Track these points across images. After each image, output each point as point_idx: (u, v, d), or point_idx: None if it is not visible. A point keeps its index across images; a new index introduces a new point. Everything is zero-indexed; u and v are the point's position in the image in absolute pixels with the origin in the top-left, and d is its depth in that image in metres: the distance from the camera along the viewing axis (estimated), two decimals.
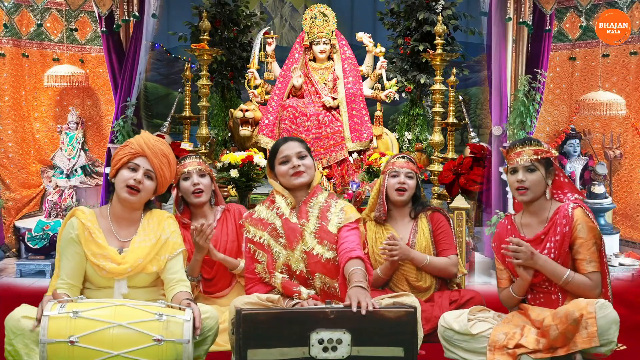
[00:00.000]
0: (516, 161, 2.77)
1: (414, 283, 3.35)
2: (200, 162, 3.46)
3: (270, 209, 2.82)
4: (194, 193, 3.38)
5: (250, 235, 2.81)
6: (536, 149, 2.76)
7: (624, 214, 5.72)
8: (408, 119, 6.34)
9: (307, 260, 2.72)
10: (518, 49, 5.16)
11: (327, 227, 2.73)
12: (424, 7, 6.09)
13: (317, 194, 2.82)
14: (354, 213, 2.80)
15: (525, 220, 2.85)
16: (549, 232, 2.74)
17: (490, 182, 4.87)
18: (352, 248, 2.63)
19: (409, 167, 3.44)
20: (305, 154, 2.81)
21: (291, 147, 2.80)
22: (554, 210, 2.77)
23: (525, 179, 2.74)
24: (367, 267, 2.59)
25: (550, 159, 2.79)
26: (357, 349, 2.28)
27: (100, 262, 2.57)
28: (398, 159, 3.51)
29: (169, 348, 2.27)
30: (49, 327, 2.22)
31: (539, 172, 2.75)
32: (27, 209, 5.82)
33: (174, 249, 2.70)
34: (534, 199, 2.78)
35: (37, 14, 5.53)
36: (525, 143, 2.79)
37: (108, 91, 5.99)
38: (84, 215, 2.63)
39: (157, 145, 2.65)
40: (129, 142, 2.66)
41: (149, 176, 2.63)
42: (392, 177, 3.43)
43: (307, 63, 5.21)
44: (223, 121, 6.15)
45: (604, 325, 2.42)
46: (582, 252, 2.69)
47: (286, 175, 2.78)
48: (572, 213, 2.70)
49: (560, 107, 6.14)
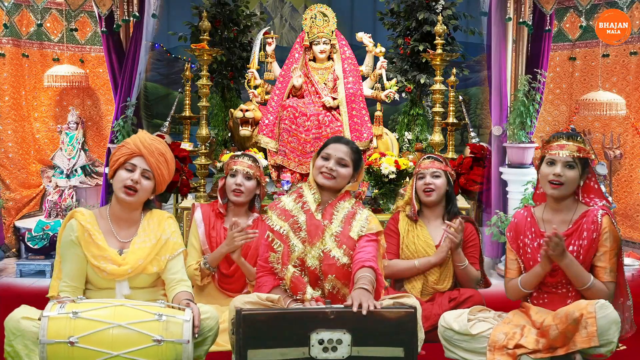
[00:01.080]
0: (558, 153, 2.70)
1: (434, 285, 3.36)
2: (250, 165, 3.48)
3: (297, 202, 2.81)
4: (234, 191, 3.42)
5: (271, 223, 2.80)
6: (580, 147, 2.69)
7: (624, 214, 5.72)
8: (408, 119, 6.33)
9: (323, 261, 2.71)
10: (518, 49, 5.16)
11: (348, 233, 2.73)
12: (424, 7, 6.09)
13: (345, 199, 2.82)
14: (376, 225, 2.79)
15: (547, 216, 2.80)
16: (572, 234, 2.70)
17: (490, 182, 4.87)
18: (367, 259, 2.62)
19: (433, 166, 3.46)
20: (347, 163, 2.77)
21: (338, 149, 2.78)
22: (579, 213, 2.73)
23: (562, 174, 2.67)
24: (378, 279, 2.58)
25: (588, 161, 2.74)
26: (357, 349, 2.28)
27: (100, 264, 2.57)
28: (424, 160, 3.55)
29: (169, 348, 2.27)
30: (49, 327, 2.22)
31: (577, 170, 2.69)
32: (27, 209, 5.82)
33: (174, 249, 2.71)
34: (565, 196, 2.73)
35: (37, 14, 5.53)
36: (571, 138, 2.72)
37: (108, 91, 5.99)
38: (83, 217, 2.63)
39: (153, 144, 2.64)
40: (125, 143, 2.65)
41: (146, 176, 2.62)
42: (419, 179, 3.47)
43: (307, 63, 5.20)
44: (223, 121, 6.15)
45: (603, 325, 2.42)
46: (603, 260, 2.67)
47: (317, 170, 2.78)
48: (602, 220, 2.67)
49: (560, 107, 6.14)
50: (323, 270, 2.71)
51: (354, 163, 2.80)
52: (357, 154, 2.82)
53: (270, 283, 2.76)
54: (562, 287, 2.72)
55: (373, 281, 2.51)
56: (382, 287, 2.66)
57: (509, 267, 2.89)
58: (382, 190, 4.51)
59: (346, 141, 2.85)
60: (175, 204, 5.06)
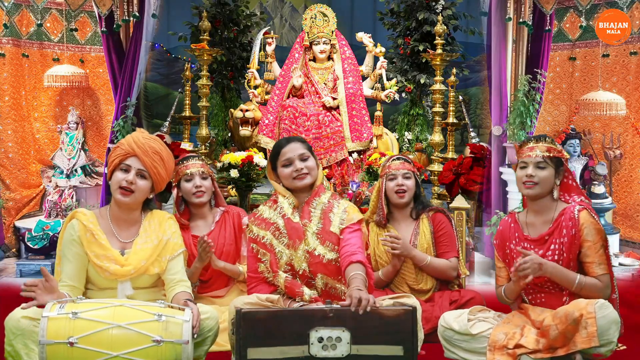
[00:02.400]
0: (528, 155, 2.75)
1: (414, 286, 3.34)
2: (202, 164, 3.47)
3: (273, 208, 2.82)
4: (195, 194, 3.39)
5: (253, 235, 2.81)
6: (549, 147, 2.75)
7: (624, 214, 5.71)
8: (408, 119, 6.33)
9: (310, 261, 2.71)
10: (518, 49, 5.15)
11: (329, 228, 2.73)
12: (424, 7, 6.09)
13: (320, 194, 2.81)
14: (356, 214, 2.80)
15: (530, 219, 2.83)
16: (553, 233, 2.73)
17: (490, 182, 4.87)
18: (353, 252, 2.63)
19: (405, 167, 3.42)
20: (308, 155, 2.80)
21: (293, 149, 2.78)
22: (559, 211, 2.75)
23: (534, 175, 2.72)
24: (367, 272, 2.59)
25: (562, 160, 2.78)
26: (357, 348, 2.28)
27: (103, 264, 2.57)
28: (393, 161, 3.48)
29: (168, 349, 2.27)
30: (48, 328, 2.21)
31: (550, 169, 2.73)
32: (27, 209, 5.82)
33: (175, 249, 2.70)
34: (540, 195, 2.76)
35: (37, 14, 5.53)
36: (540, 139, 2.78)
37: (108, 91, 5.99)
38: (85, 217, 2.63)
39: (147, 144, 2.62)
40: (120, 144, 2.63)
41: (142, 175, 2.60)
42: (390, 180, 3.42)
43: (307, 63, 5.21)
44: (223, 121, 6.15)
45: (603, 325, 2.42)
46: (590, 254, 2.67)
47: (289, 178, 2.77)
48: (579, 215, 2.68)
49: (560, 107, 6.14)
50: (312, 270, 2.72)
51: (311, 152, 2.83)
52: (306, 143, 2.86)
53: (266, 290, 2.77)
54: (557, 286, 2.73)
55: (365, 279, 2.52)
56: (372, 278, 2.66)
57: (498, 274, 2.93)
58: None
59: (292, 138, 2.88)
60: None
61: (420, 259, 3.30)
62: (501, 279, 2.90)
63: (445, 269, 3.34)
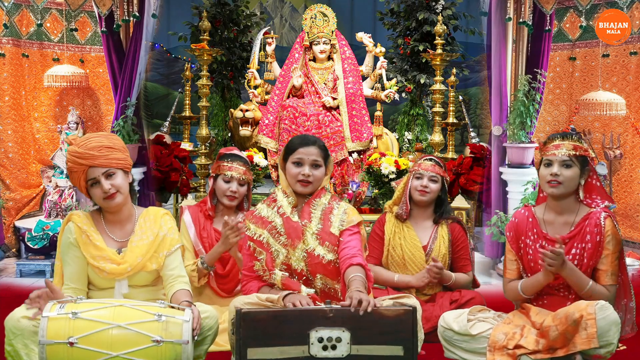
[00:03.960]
0: (553, 153, 2.69)
1: (421, 290, 3.36)
2: (245, 172, 3.44)
3: (272, 207, 2.81)
4: (228, 196, 3.39)
5: (250, 233, 2.81)
6: (576, 145, 2.68)
7: (624, 214, 5.71)
8: (408, 119, 6.33)
9: (308, 261, 2.71)
10: (518, 49, 5.15)
11: (329, 229, 2.73)
12: (424, 7, 6.09)
13: (321, 196, 2.81)
14: (356, 216, 2.79)
15: (549, 216, 2.78)
16: (575, 236, 2.69)
17: (490, 182, 4.87)
18: (353, 254, 2.62)
19: (434, 170, 3.42)
20: (320, 163, 2.76)
21: (309, 152, 2.74)
22: (582, 215, 2.71)
23: (560, 173, 2.66)
24: (367, 274, 2.58)
25: (587, 159, 2.71)
26: (357, 348, 2.28)
27: (99, 264, 2.57)
28: (425, 160, 3.49)
29: (168, 349, 2.27)
30: (48, 328, 2.22)
31: (575, 168, 2.67)
32: (27, 209, 5.82)
33: (172, 245, 2.70)
34: (565, 195, 2.70)
35: (37, 14, 5.53)
36: (566, 137, 2.72)
37: (108, 91, 5.98)
38: (80, 219, 2.63)
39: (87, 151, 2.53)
40: (70, 167, 2.56)
41: (110, 174, 2.57)
42: (417, 178, 3.44)
43: (307, 63, 5.21)
44: (223, 121, 6.15)
45: (603, 326, 2.42)
46: (605, 263, 2.66)
47: (294, 179, 2.76)
48: (605, 223, 2.65)
49: (560, 107, 6.14)
50: (310, 270, 2.71)
51: (325, 160, 2.80)
52: (325, 151, 2.81)
53: (256, 284, 2.76)
54: (563, 290, 2.72)
55: (365, 282, 2.52)
56: (371, 282, 2.66)
57: (508, 267, 2.87)
58: (382, 190, 4.51)
59: (313, 140, 2.81)
60: (175, 203, 5.06)
61: (447, 278, 3.32)
62: (510, 273, 2.85)
63: (466, 283, 3.41)
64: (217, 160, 3.50)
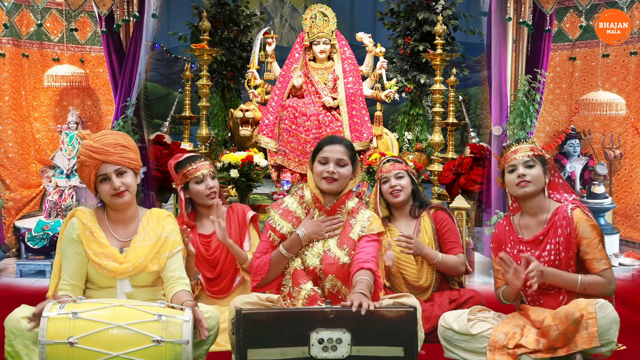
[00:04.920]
0: (514, 158, 2.78)
1: (414, 283, 3.35)
2: (210, 165, 3.45)
3: (299, 202, 2.81)
4: (209, 195, 3.37)
5: (273, 223, 2.79)
6: (531, 147, 2.81)
7: (624, 214, 5.71)
8: (408, 119, 6.34)
9: (323, 260, 2.71)
10: (518, 49, 5.15)
11: (349, 234, 2.73)
12: (424, 7, 6.09)
13: (347, 201, 2.81)
14: (378, 225, 2.78)
15: (524, 221, 2.84)
16: (548, 233, 2.73)
17: (490, 182, 4.87)
18: (366, 259, 2.61)
19: (395, 168, 3.46)
20: (346, 162, 2.75)
21: (334, 150, 2.74)
22: (552, 211, 2.76)
23: (526, 173, 2.75)
24: (376, 281, 2.58)
25: (545, 158, 2.81)
26: (357, 349, 2.28)
27: (102, 261, 2.57)
28: (384, 164, 3.53)
29: (168, 349, 2.27)
30: (48, 328, 2.21)
31: (538, 167, 2.76)
32: (27, 209, 5.82)
33: (174, 247, 2.70)
34: (536, 192, 2.76)
35: (37, 14, 5.53)
36: (520, 142, 2.84)
37: (108, 91, 5.98)
38: (84, 215, 2.63)
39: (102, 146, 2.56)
40: (82, 161, 2.58)
41: (122, 172, 2.58)
42: (383, 183, 3.47)
43: (307, 63, 5.21)
44: (223, 121, 6.16)
45: (604, 325, 2.42)
46: (590, 251, 2.67)
47: (319, 176, 2.76)
48: (572, 214, 2.69)
49: (560, 107, 6.14)
50: (323, 269, 2.71)
51: (352, 160, 2.79)
52: (352, 150, 2.81)
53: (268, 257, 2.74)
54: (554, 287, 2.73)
55: (371, 285, 2.51)
56: (380, 288, 2.65)
57: (496, 276, 2.94)
58: None
59: (339, 140, 2.82)
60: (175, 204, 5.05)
61: (433, 256, 3.31)
62: (499, 281, 2.91)
63: (456, 264, 3.35)
64: (177, 172, 3.43)
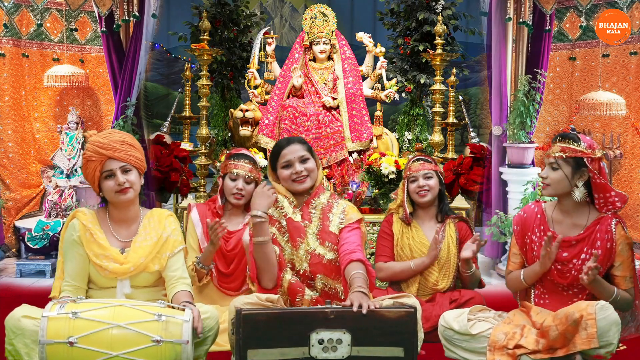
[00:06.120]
0: (547, 155, 2.71)
1: (433, 285, 3.34)
2: (251, 169, 3.44)
3: (275, 207, 2.82)
4: (234, 195, 3.40)
5: None
6: (564, 147, 2.64)
7: (624, 214, 5.71)
8: (408, 119, 6.33)
9: (310, 261, 2.71)
10: (518, 49, 5.15)
11: (328, 228, 2.73)
12: (424, 7, 6.09)
13: (319, 195, 2.81)
14: (355, 213, 2.79)
15: (558, 216, 2.78)
16: (584, 240, 2.69)
17: (490, 182, 4.87)
18: (352, 250, 2.62)
19: (424, 168, 3.43)
20: (308, 156, 2.78)
21: (293, 150, 2.77)
22: (592, 219, 2.71)
23: (547, 176, 2.69)
24: (368, 270, 2.58)
25: (583, 159, 2.64)
26: (357, 349, 2.28)
27: (102, 263, 2.58)
28: (413, 162, 3.50)
29: (168, 349, 2.27)
30: (48, 327, 2.22)
31: (561, 171, 2.66)
32: (27, 209, 5.82)
33: (175, 246, 2.71)
34: (555, 195, 2.72)
35: (37, 14, 5.53)
36: (556, 140, 2.70)
37: (108, 91, 5.98)
38: (85, 216, 2.64)
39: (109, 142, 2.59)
40: (89, 156, 2.60)
41: (127, 170, 2.60)
42: (412, 182, 3.44)
43: (307, 63, 5.20)
44: (223, 121, 6.15)
45: (604, 326, 2.42)
46: (622, 269, 2.67)
47: (288, 180, 2.76)
48: (615, 230, 2.66)
49: (560, 107, 6.14)
50: (311, 270, 2.72)
51: (311, 153, 2.82)
52: (307, 145, 2.85)
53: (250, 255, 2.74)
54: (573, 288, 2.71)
55: (366, 278, 2.52)
56: (373, 276, 2.65)
57: (512, 259, 2.89)
58: (382, 190, 4.51)
59: (292, 139, 2.85)
60: (175, 204, 5.06)
61: (469, 267, 3.29)
62: (514, 264, 2.87)
63: (477, 279, 3.37)
64: (225, 160, 3.53)
